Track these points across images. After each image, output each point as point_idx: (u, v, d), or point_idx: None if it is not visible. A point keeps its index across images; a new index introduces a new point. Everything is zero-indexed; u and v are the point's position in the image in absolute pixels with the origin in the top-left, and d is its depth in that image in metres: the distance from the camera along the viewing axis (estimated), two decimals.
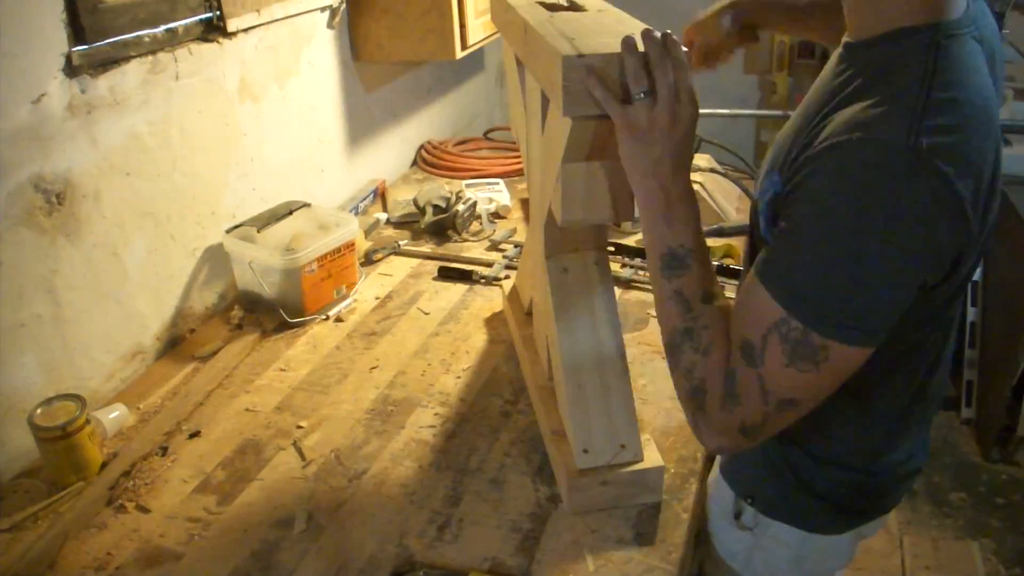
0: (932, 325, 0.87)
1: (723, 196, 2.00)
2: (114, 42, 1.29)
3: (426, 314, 1.59)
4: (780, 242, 0.75)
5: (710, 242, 1.56)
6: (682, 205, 0.82)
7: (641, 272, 1.67)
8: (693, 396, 0.81)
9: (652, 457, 1.07)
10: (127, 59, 1.32)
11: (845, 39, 0.82)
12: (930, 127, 0.68)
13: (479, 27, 2.03)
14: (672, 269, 0.82)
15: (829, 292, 0.71)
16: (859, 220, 0.69)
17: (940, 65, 0.71)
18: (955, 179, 0.68)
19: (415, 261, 1.82)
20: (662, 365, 1.29)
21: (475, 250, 1.86)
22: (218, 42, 1.53)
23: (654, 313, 1.38)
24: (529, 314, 1.40)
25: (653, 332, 1.47)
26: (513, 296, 1.52)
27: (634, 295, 1.61)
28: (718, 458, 1.13)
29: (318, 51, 1.88)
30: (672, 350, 0.84)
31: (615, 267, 1.69)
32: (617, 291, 1.59)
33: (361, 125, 2.13)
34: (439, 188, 2.00)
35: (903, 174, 0.67)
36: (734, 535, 1.08)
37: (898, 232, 0.68)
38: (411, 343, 1.49)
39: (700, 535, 1.14)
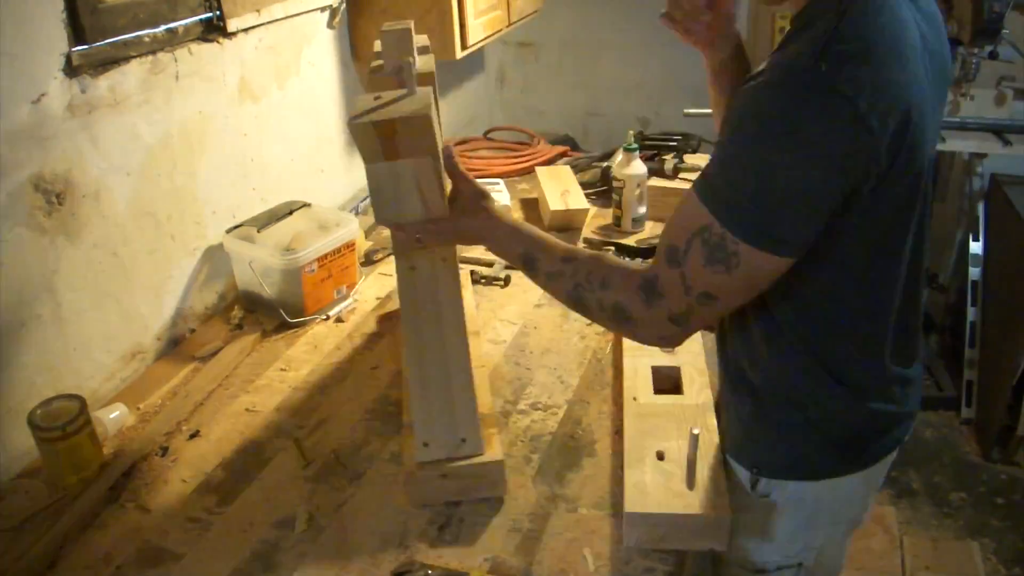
0: (881, 250, 0.91)
1: None
2: (114, 42, 1.29)
3: None
4: (711, 158, 0.85)
5: None
6: (500, 233, 1.04)
7: None
8: (615, 317, 0.94)
9: (493, 451, 1.09)
10: (127, 59, 1.32)
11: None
12: (834, 53, 0.76)
13: (479, 27, 2.03)
14: (529, 267, 1.02)
15: (742, 198, 0.80)
16: (762, 134, 0.79)
17: (849, 8, 0.79)
18: (856, 97, 0.75)
19: None
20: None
21: (475, 250, 1.85)
22: (218, 42, 1.53)
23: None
24: None
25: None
26: None
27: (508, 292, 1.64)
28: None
29: (318, 51, 1.88)
30: (578, 306, 0.98)
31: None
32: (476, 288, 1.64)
33: None
34: None
35: (802, 92, 0.76)
36: (754, 509, 1.09)
37: (797, 144, 0.77)
38: None
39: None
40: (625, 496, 1.01)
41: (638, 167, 1.84)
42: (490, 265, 1.75)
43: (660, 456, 1.08)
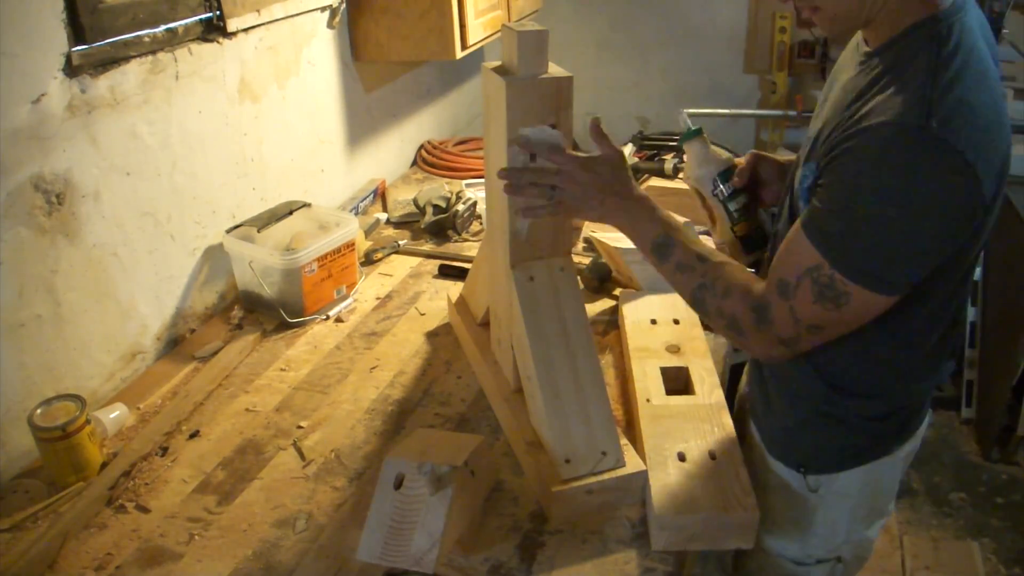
0: (961, 282, 0.97)
1: None
2: (114, 42, 1.29)
3: (422, 315, 1.59)
4: (819, 201, 0.87)
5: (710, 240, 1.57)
6: (641, 212, 1.03)
7: None
8: (729, 327, 0.97)
9: (634, 462, 1.07)
10: (127, 59, 1.32)
11: (865, 50, 0.93)
12: (942, 108, 0.79)
13: (479, 27, 2.03)
14: (663, 254, 1.02)
15: (855, 247, 0.84)
16: (879, 189, 0.81)
17: (943, 55, 0.82)
18: (966, 152, 0.78)
19: (415, 261, 1.82)
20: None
21: (475, 250, 1.85)
22: (218, 42, 1.53)
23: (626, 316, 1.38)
24: (483, 324, 1.39)
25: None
26: (462, 306, 1.49)
27: (604, 301, 1.61)
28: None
29: (318, 51, 1.88)
30: (697, 304, 1.00)
31: None
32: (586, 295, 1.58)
33: (361, 125, 2.13)
34: (439, 188, 2.00)
35: (919, 150, 0.79)
36: (800, 504, 1.11)
37: (914, 199, 0.80)
38: (411, 343, 1.49)
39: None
40: (652, 499, 1.01)
41: (709, 159, 1.20)
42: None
43: (682, 457, 1.08)
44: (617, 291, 1.60)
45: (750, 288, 0.95)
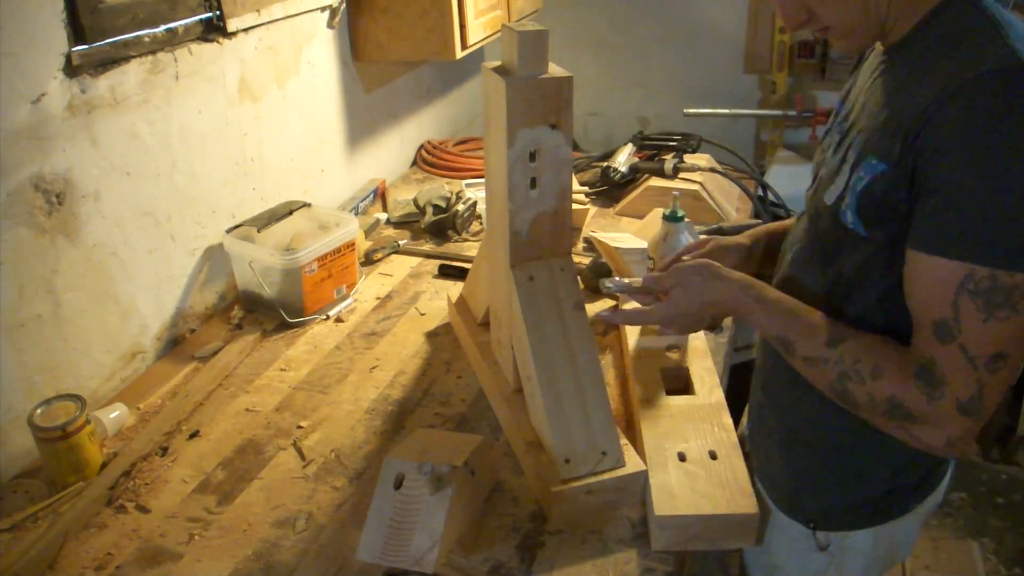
0: None
1: (723, 196, 2.00)
2: (114, 42, 1.29)
3: (422, 314, 1.59)
4: (931, 207, 0.76)
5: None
6: (744, 310, 0.95)
7: None
8: (891, 415, 0.82)
9: (634, 462, 1.07)
10: (127, 59, 1.32)
11: (880, 49, 0.89)
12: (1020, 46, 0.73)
13: (479, 27, 2.03)
14: (785, 351, 0.92)
15: (1006, 224, 0.72)
16: (1015, 145, 0.70)
17: (997, 17, 0.77)
18: None
19: (415, 261, 1.82)
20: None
21: (475, 250, 1.85)
22: (218, 42, 1.53)
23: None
24: (483, 324, 1.39)
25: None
26: (461, 306, 1.49)
27: (604, 302, 1.59)
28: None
29: (318, 51, 1.88)
30: (842, 397, 0.87)
31: None
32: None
33: (361, 125, 2.13)
34: (439, 188, 2.00)
35: None
36: (810, 562, 1.07)
37: None
38: (411, 343, 1.49)
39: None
40: (652, 499, 1.01)
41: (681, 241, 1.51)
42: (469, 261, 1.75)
43: (682, 457, 1.07)
44: None
45: (904, 354, 0.81)
